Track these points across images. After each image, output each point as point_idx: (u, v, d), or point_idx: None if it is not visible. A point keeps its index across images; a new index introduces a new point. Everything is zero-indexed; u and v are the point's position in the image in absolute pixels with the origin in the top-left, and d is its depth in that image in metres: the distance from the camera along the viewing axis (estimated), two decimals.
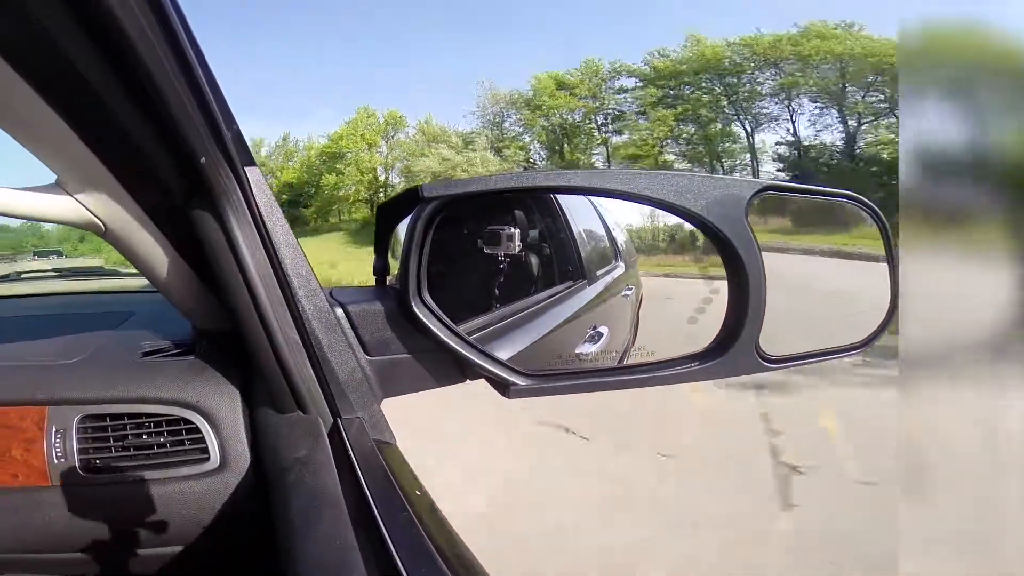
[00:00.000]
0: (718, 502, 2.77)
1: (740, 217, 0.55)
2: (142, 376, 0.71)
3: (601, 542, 2.52)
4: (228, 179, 0.43)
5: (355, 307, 0.55)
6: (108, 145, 0.48)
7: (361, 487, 0.41)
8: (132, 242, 0.61)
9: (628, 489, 3.02)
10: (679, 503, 2.86)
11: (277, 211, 0.47)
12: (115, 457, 0.67)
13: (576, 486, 3.07)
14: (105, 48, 0.32)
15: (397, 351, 0.56)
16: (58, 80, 0.39)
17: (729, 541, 2.49)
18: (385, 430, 0.57)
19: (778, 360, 0.61)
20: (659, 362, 0.61)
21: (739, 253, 0.55)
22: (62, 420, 0.67)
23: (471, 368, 0.56)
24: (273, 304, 0.46)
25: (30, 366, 0.75)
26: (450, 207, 0.55)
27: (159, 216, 0.58)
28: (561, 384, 0.59)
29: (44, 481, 0.67)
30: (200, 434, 0.66)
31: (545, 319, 0.70)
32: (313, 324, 0.49)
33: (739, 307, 0.57)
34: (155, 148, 0.42)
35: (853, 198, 0.67)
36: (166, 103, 0.36)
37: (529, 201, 0.60)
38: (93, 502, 0.67)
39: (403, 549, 0.33)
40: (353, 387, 0.52)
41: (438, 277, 0.56)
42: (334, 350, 0.50)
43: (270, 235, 0.46)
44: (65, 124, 0.44)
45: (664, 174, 0.55)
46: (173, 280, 0.68)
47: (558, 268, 0.72)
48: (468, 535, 0.39)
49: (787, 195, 0.63)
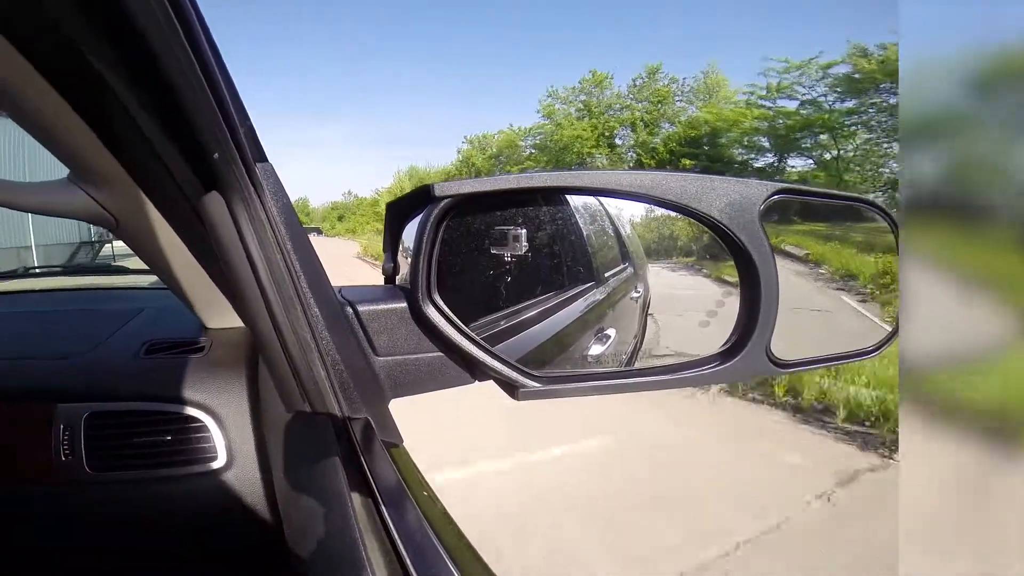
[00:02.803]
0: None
1: (754, 220, 0.54)
2: (150, 374, 0.71)
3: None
4: (240, 176, 0.43)
5: (365, 307, 0.55)
6: (121, 141, 0.48)
7: (370, 487, 0.40)
8: (143, 238, 0.61)
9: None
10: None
11: (289, 208, 0.47)
12: (122, 455, 0.67)
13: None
14: (119, 43, 0.32)
15: (406, 351, 0.56)
16: (72, 75, 0.39)
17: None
18: (393, 431, 0.56)
19: (789, 364, 0.61)
20: (670, 365, 0.61)
21: (752, 256, 0.55)
22: (70, 417, 0.68)
23: (480, 369, 0.56)
24: (284, 302, 0.46)
25: (39, 362, 0.76)
26: (461, 206, 0.54)
27: (170, 212, 0.58)
28: (570, 387, 0.58)
29: (51, 478, 0.67)
30: (208, 432, 0.66)
31: (554, 320, 0.69)
32: (323, 323, 0.48)
33: (751, 310, 0.57)
34: (167, 144, 0.42)
35: (867, 202, 0.67)
36: (179, 98, 0.36)
37: (540, 201, 0.59)
38: (100, 499, 0.67)
39: (412, 549, 0.33)
40: (362, 387, 0.52)
41: (448, 277, 0.56)
42: (344, 349, 0.50)
43: (282, 233, 0.46)
44: (79, 119, 0.44)
45: (676, 175, 0.54)
46: (183, 277, 0.68)
47: (567, 269, 0.71)
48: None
49: (801, 198, 0.62)
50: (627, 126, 32.56)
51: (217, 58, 0.38)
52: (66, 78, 0.39)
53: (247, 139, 0.43)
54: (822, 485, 3.08)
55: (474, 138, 43.22)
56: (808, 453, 3.59)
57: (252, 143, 0.44)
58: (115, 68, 0.35)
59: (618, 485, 3.17)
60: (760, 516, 2.76)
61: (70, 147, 0.49)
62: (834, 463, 3.39)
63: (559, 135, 32.86)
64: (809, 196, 0.64)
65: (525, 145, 38.03)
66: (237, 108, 0.41)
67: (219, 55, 0.39)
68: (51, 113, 0.43)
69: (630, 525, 2.74)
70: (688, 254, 0.66)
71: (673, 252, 0.67)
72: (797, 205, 0.62)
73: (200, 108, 0.37)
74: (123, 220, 0.58)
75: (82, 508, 0.67)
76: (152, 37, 0.30)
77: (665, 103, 31.58)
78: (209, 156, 0.41)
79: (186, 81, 0.34)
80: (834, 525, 2.71)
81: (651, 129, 31.42)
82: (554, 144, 33.83)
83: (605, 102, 33.56)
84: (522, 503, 2.91)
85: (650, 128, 31.40)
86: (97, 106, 0.43)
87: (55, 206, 0.55)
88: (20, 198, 0.56)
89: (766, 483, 3.13)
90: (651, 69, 32.19)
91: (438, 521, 0.40)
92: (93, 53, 0.34)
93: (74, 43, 0.33)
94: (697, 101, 30.68)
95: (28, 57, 0.36)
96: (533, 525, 2.72)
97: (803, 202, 0.63)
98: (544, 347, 0.66)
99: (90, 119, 0.45)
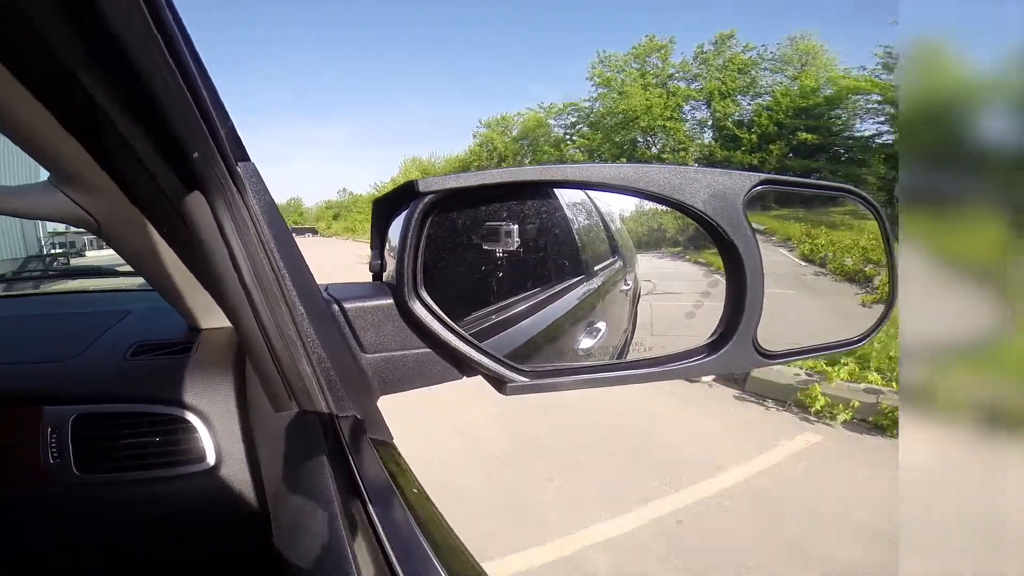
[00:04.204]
0: None
1: (738, 211, 0.55)
2: (138, 375, 0.71)
3: None
4: (222, 175, 0.42)
5: (351, 304, 0.55)
6: (100, 143, 0.48)
7: (357, 485, 0.40)
8: (126, 240, 0.61)
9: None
10: None
11: (273, 207, 0.47)
12: (110, 456, 0.67)
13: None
14: (96, 46, 0.32)
15: (393, 348, 0.56)
16: (49, 78, 0.38)
17: None
18: (382, 428, 0.56)
19: (776, 355, 0.61)
20: (658, 357, 0.61)
21: (737, 247, 0.55)
22: (58, 420, 0.67)
23: (468, 364, 0.56)
24: (269, 301, 0.46)
25: (25, 365, 0.75)
26: (446, 202, 0.54)
27: (153, 213, 0.58)
28: (559, 380, 0.58)
29: (39, 481, 0.66)
30: (196, 433, 0.66)
31: (543, 315, 0.70)
32: (309, 321, 0.48)
33: (736, 301, 0.57)
34: (147, 145, 0.42)
35: (851, 192, 0.67)
36: (157, 100, 0.35)
37: (526, 195, 0.59)
38: (88, 501, 0.67)
39: (399, 548, 0.33)
40: (349, 385, 0.52)
41: (434, 273, 0.56)
42: (330, 347, 0.50)
43: (265, 232, 0.45)
44: (57, 123, 0.44)
45: (660, 167, 0.55)
46: (168, 278, 0.68)
47: (555, 263, 0.71)
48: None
49: (785, 189, 0.62)
50: (697, 100, 28.50)
51: (196, 59, 0.38)
52: (42, 81, 0.39)
53: (228, 139, 0.43)
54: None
55: (491, 120, 39.57)
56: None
57: (233, 143, 0.44)
58: (92, 71, 0.35)
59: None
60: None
61: (49, 150, 0.49)
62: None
63: (621, 105, 28.53)
64: (792, 186, 0.64)
65: (557, 124, 34.08)
66: (217, 108, 0.41)
67: (198, 56, 0.39)
68: (29, 116, 0.42)
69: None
70: (675, 245, 0.66)
71: (662, 244, 0.67)
72: (780, 194, 0.63)
73: (178, 109, 0.36)
74: (105, 222, 0.58)
75: (71, 510, 0.66)
76: (129, 39, 0.30)
77: (745, 72, 27.81)
78: (189, 156, 0.41)
79: (163, 82, 0.34)
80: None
81: (728, 101, 27.60)
82: (610, 119, 29.48)
83: (665, 71, 29.30)
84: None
85: (728, 99, 27.58)
86: (75, 109, 0.42)
87: (36, 210, 0.55)
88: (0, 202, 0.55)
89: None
90: (722, 36, 28.32)
91: (427, 520, 0.40)
92: (70, 56, 0.34)
93: (50, 46, 0.33)
94: (788, 69, 27.08)
95: (4, 61, 0.36)
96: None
97: (786, 192, 0.64)
98: (534, 342, 0.66)
99: (68, 122, 0.44)
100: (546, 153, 33.35)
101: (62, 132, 0.45)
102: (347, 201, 65.06)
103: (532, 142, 35.61)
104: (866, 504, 2.69)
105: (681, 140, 28.35)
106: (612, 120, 29.65)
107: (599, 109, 30.95)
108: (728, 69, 27.84)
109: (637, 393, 4.26)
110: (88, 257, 4.99)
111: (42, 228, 5.53)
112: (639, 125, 28.48)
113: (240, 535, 0.65)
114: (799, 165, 23.53)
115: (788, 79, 26.72)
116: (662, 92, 28.63)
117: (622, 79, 29.45)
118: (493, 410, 4.01)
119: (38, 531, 0.67)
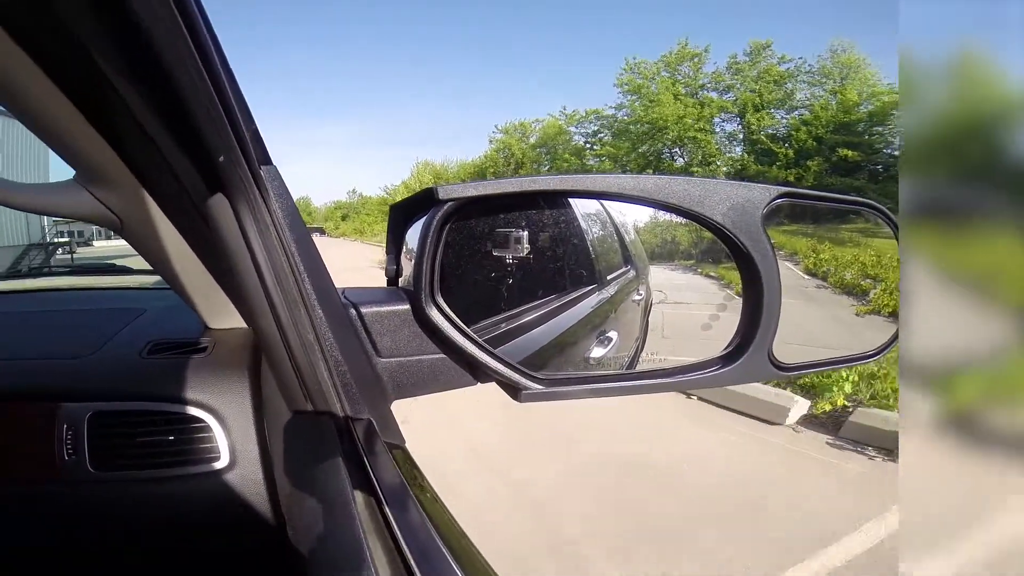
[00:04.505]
0: None
1: (757, 223, 0.54)
2: (153, 374, 0.72)
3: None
4: (246, 178, 0.43)
5: (368, 308, 0.55)
6: (127, 143, 0.48)
7: (372, 487, 0.41)
8: (148, 239, 0.62)
9: None
10: None
11: (294, 210, 0.47)
12: (125, 454, 0.67)
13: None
14: (125, 45, 0.32)
15: (409, 353, 0.56)
16: (78, 77, 0.39)
17: None
18: (395, 431, 0.57)
19: (792, 368, 0.61)
20: (671, 368, 0.61)
21: (755, 260, 0.55)
22: (73, 417, 0.68)
23: (483, 371, 0.56)
24: (287, 304, 0.46)
25: (42, 362, 0.76)
26: (464, 209, 0.55)
27: (175, 213, 0.58)
28: (572, 388, 0.58)
29: (54, 477, 0.67)
30: (210, 432, 0.67)
31: (556, 323, 0.70)
32: (326, 324, 0.49)
33: (753, 314, 0.57)
34: (173, 146, 0.43)
35: (870, 205, 0.67)
36: (185, 101, 0.36)
37: (543, 204, 0.59)
38: (103, 499, 0.67)
39: (417, 551, 0.33)
40: (364, 388, 0.52)
41: (451, 279, 0.56)
42: (347, 351, 0.50)
43: (286, 235, 0.46)
44: (85, 121, 0.45)
45: (679, 179, 0.54)
46: (187, 277, 0.69)
47: (570, 271, 0.71)
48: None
49: (804, 202, 0.62)
50: (730, 111, 27.39)
51: (223, 61, 0.38)
52: (73, 80, 0.40)
53: (252, 142, 0.43)
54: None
55: (509, 126, 38.48)
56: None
57: (257, 146, 0.44)
58: (122, 71, 0.36)
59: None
60: None
61: (76, 149, 0.50)
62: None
63: (652, 114, 27.26)
64: (812, 199, 0.64)
65: (578, 132, 32.90)
66: (243, 111, 0.41)
67: (225, 58, 0.39)
68: (57, 115, 0.43)
69: None
70: (688, 258, 0.66)
71: (675, 256, 0.67)
72: (796, 208, 0.63)
73: (206, 111, 0.37)
74: (128, 221, 0.58)
75: (85, 507, 0.67)
76: (158, 40, 0.31)
77: (781, 84, 26.74)
78: (215, 159, 0.41)
79: (192, 84, 0.35)
80: None
81: (763, 113, 26.81)
82: (637, 127, 28.26)
83: (696, 81, 28.27)
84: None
85: (762, 112, 26.86)
86: (103, 108, 0.43)
87: (61, 207, 0.56)
88: (25, 199, 0.56)
89: None
90: (757, 46, 27.26)
91: (441, 522, 0.40)
92: (100, 55, 0.34)
93: (80, 45, 0.33)
94: (828, 83, 25.96)
95: (35, 58, 0.37)
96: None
97: (805, 205, 0.64)
98: (546, 349, 0.66)
99: (96, 121, 0.45)
100: (566, 161, 32.56)
101: (91, 131, 0.46)
102: (356, 203, 65.21)
103: (551, 150, 34.90)
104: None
105: (711, 153, 27.43)
106: (639, 129, 28.71)
107: (624, 118, 30.09)
108: (764, 80, 26.89)
109: (717, 444, 3.52)
110: (96, 247, 5.03)
111: (47, 217, 5.56)
112: (668, 136, 27.56)
113: (253, 535, 0.66)
114: (839, 182, 22.50)
115: (827, 92, 25.75)
116: (695, 102, 27.72)
117: (653, 88, 28.43)
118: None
119: (52, 528, 0.68)
